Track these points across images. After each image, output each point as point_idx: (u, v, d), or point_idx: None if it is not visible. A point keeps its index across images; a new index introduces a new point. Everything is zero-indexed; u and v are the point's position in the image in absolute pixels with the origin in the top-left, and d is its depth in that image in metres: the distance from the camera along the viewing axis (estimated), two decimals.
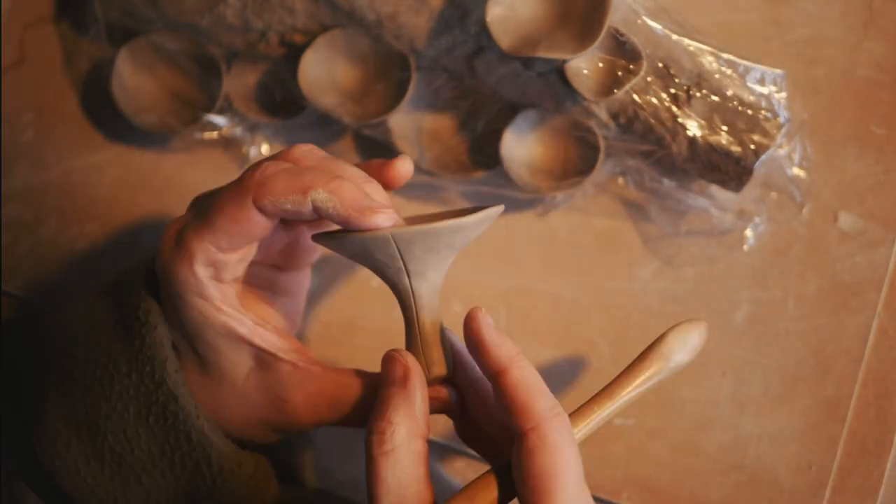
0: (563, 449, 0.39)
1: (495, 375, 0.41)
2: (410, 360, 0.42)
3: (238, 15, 0.54)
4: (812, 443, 0.52)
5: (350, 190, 0.41)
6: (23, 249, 0.58)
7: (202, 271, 0.42)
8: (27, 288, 0.57)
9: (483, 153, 0.54)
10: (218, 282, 0.43)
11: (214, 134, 0.56)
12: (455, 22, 0.51)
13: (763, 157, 0.51)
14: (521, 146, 0.53)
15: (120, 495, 0.44)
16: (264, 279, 0.48)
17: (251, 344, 0.44)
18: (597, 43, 0.49)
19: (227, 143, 0.57)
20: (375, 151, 0.56)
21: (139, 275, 0.46)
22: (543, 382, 0.41)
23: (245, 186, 0.42)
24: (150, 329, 0.44)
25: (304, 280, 0.50)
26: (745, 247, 0.54)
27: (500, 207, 0.44)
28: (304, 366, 0.44)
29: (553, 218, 0.55)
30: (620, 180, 0.54)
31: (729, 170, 0.51)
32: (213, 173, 0.57)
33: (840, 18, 0.55)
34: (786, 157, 0.53)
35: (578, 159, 0.53)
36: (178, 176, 0.57)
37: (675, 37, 0.52)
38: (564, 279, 0.55)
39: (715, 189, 0.53)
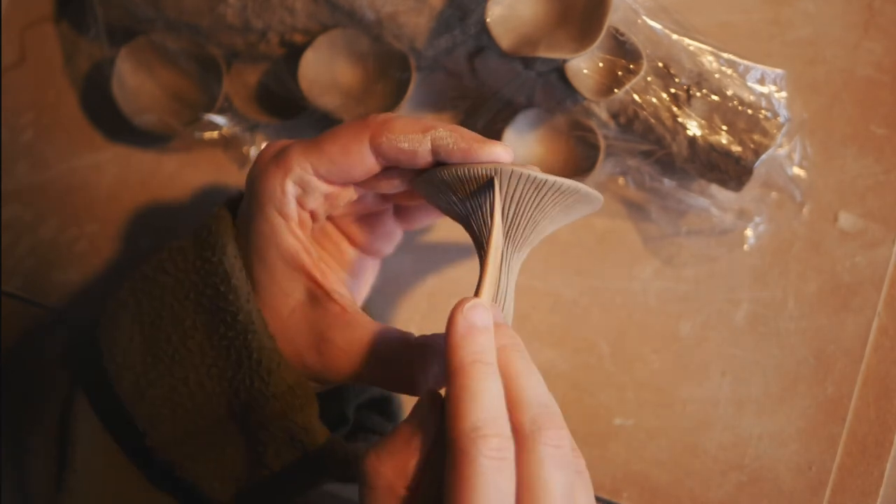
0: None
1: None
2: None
3: (238, 15, 0.54)
4: (812, 443, 0.52)
5: (468, 131, 0.42)
6: (23, 249, 0.58)
7: (291, 188, 0.42)
8: (27, 288, 0.57)
9: None
10: (300, 206, 0.43)
11: (214, 134, 0.56)
12: (455, 22, 0.51)
13: (763, 156, 0.51)
14: (521, 146, 0.53)
15: (167, 399, 0.44)
16: (340, 250, 0.48)
17: (310, 276, 0.43)
18: (597, 43, 0.49)
19: (227, 143, 0.57)
20: None
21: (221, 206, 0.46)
22: (493, 393, 0.36)
23: (366, 123, 0.42)
24: (218, 220, 0.44)
25: (373, 268, 0.50)
26: (746, 246, 0.54)
27: (600, 198, 0.43)
28: (353, 312, 0.43)
29: None
30: (620, 180, 0.54)
31: (729, 169, 0.51)
32: (213, 173, 0.57)
33: (840, 18, 0.55)
34: (786, 157, 0.53)
35: (578, 159, 0.53)
36: (178, 176, 0.57)
37: (675, 36, 0.52)
38: (564, 279, 0.55)
39: (715, 189, 0.53)
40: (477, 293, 0.40)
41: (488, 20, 0.49)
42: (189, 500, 0.46)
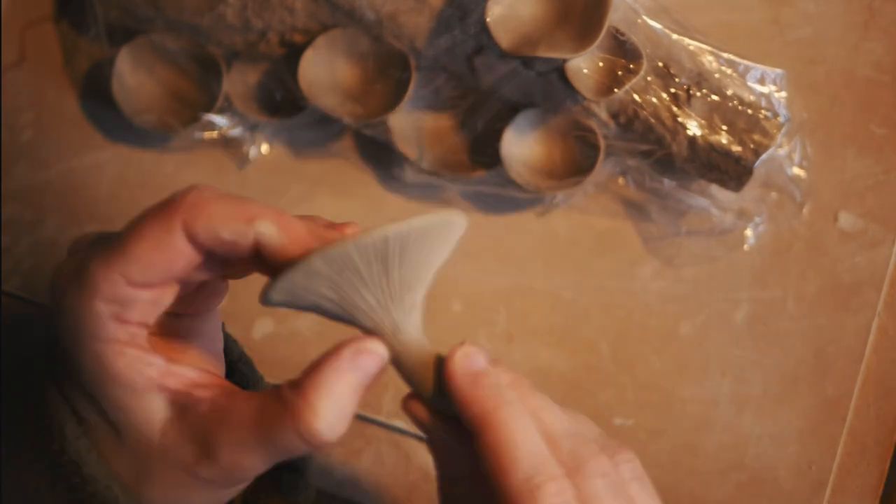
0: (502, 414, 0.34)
1: (472, 432, 0.35)
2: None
3: (238, 15, 0.54)
4: (812, 443, 0.52)
5: (299, 224, 0.35)
6: (23, 249, 0.57)
7: (103, 308, 0.35)
8: (27, 288, 0.57)
9: (483, 153, 0.54)
10: (120, 322, 0.35)
11: (214, 134, 0.56)
12: (455, 21, 0.51)
13: (763, 156, 0.51)
14: (521, 146, 0.53)
15: None
16: (169, 327, 0.39)
17: (163, 387, 0.36)
18: (597, 43, 0.49)
19: (227, 143, 0.57)
20: (375, 151, 0.56)
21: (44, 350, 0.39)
22: (531, 433, 0.35)
23: (174, 207, 0.35)
24: (41, 395, 0.37)
25: (215, 318, 0.41)
26: (745, 246, 0.54)
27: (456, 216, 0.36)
28: (226, 400, 0.36)
29: (553, 218, 0.55)
30: (620, 180, 0.54)
31: (729, 169, 0.51)
32: (213, 173, 0.57)
33: (840, 18, 0.55)
34: (786, 157, 0.53)
35: (578, 159, 0.53)
36: (178, 176, 0.57)
37: (675, 36, 0.52)
38: (564, 279, 0.55)
39: (715, 189, 0.53)
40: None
41: (488, 20, 0.49)
42: None
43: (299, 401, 0.34)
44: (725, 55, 0.52)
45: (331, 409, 0.34)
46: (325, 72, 0.54)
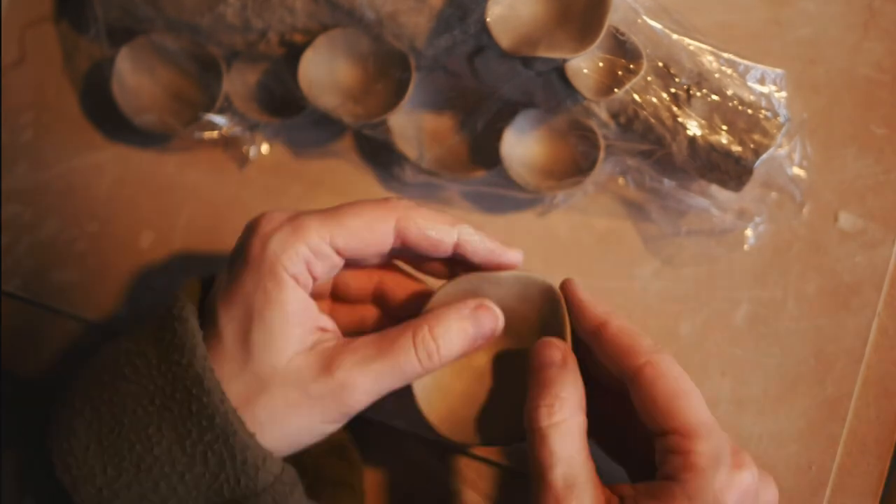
0: (682, 376, 0.42)
1: (596, 329, 0.43)
2: (566, 346, 0.44)
3: (238, 15, 0.54)
4: (812, 443, 0.52)
5: (484, 234, 0.45)
6: (23, 249, 0.57)
7: (304, 252, 0.42)
8: (27, 288, 0.57)
9: (483, 153, 0.54)
10: (307, 269, 0.43)
11: (214, 134, 0.56)
12: (455, 21, 0.51)
13: (763, 156, 0.51)
14: (521, 146, 0.53)
15: None
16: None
17: (310, 326, 0.43)
18: (597, 43, 0.49)
19: (227, 143, 0.57)
20: (375, 151, 0.56)
21: (184, 287, 0.45)
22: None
23: (391, 205, 0.43)
24: (183, 322, 0.42)
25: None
26: (745, 246, 0.54)
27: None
28: (350, 339, 0.43)
29: (553, 218, 0.55)
30: (620, 180, 0.54)
31: (729, 169, 0.51)
32: (213, 173, 0.57)
33: (840, 18, 0.55)
34: (786, 157, 0.53)
35: (578, 159, 0.53)
36: (178, 176, 0.57)
37: (675, 36, 0.52)
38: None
39: (715, 189, 0.53)
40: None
41: (488, 20, 0.49)
42: None
43: (422, 324, 0.43)
44: (725, 55, 0.52)
45: (445, 338, 0.43)
46: (325, 72, 0.54)
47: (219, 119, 0.56)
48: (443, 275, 0.47)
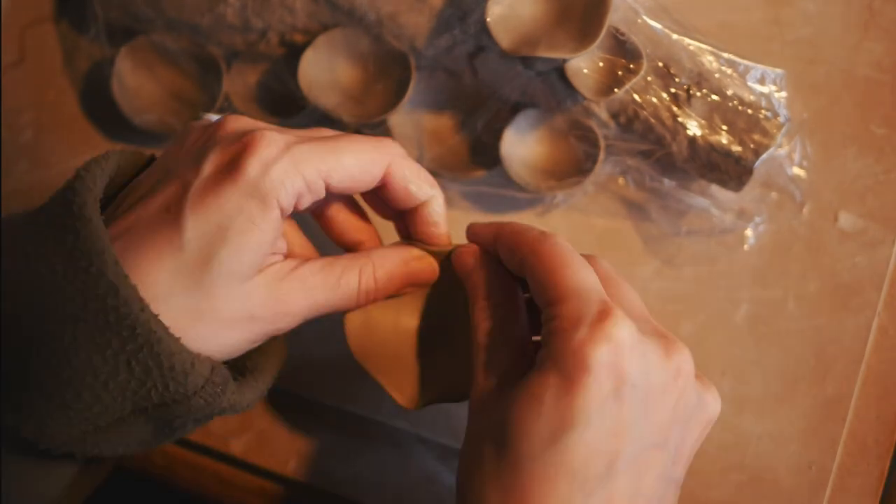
0: (565, 250, 0.42)
1: (494, 239, 0.44)
2: (475, 248, 0.45)
3: (238, 15, 0.54)
4: (812, 443, 0.52)
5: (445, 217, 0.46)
6: None
7: (300, 184, 0.41)
8: None
9: (483, 153, 0.54)
10: (297, 200, 0.42)
11: None
12: (455, 21, 0.51)
13: (763, 156, 0.51)
14: (521, 146, 0.53)
15: (64, 426, 0.40)
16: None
17: (281, 255, 0.44)
18: (597, 42, 0.49)
19: None
20: None
21: (87, 168, 0.43)
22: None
23: (385, 149, 0.44)
24: (85, 221, 0.39)
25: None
26: (746, 246, 0.54)
27: None
28: (300, 264, 0.44)
29: (553, 218, 0.55)
30: (620, 180, 0.54)
31: (729, 169, 0.51)
32: None
33: (840, 18, 0.55)
34: (786, 157, 0.53)
35: (578, 159, 0.53)
36: None
37: (675, 36, 0.52)
38: None
39: (715, 189, 0.53)
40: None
41: (488, 20, 0.49)
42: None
43: (368, 263, 0.44)
44: (725, 55, 0.52)
45: (386, 280, 0.45)
46: (325, 72, 0.54)
47: (219, 119, 0.56)
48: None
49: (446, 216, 0.46)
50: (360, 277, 0.44)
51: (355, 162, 0.43)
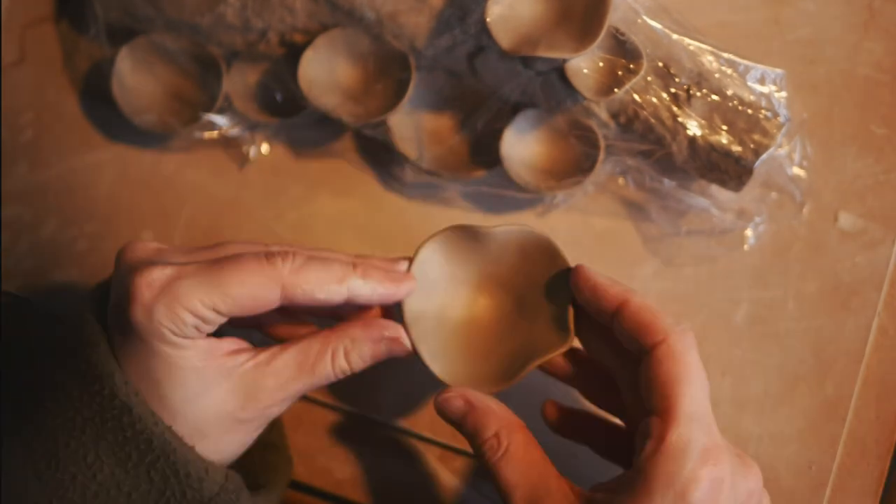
0: (689, 356, 0.42)
1: (617, 308, 0.43)
2: (460, 391, 0.45)
3: (238, 15, 0.54)
4: (812, 443, 0.52)
5: (376, 269, 0.44)
6: (23, 249, 0.57)
7: (191, 320, 0.41)
8: (27, 288, 0.57)
9: (483, 153, 0.54)
10: (197, 330, 0.42)
11: (214, 134, 0.56)
12: (455, 21, 0.51)
13: (763, 156, 0.51)
14: (521, 146, 0.53)
15: None
16: None
17: (219, 366, 0.43)
18: (597, 42, 0.49)
19: (227, 143, 0.57)
20: (375, 151, 0.56)
21: (84, 304, 0.44)
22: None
23: (273, 267, 0.42)
24: (94, 347, 0.42)
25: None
26: (746, 246, 0.54)
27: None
28: (266, 355, 0.44)
29: (553, 217, 0.55)
30: (620, 180, 0.54)
31: (729, 169, 0.51)
32: (213, 173, 0.57)
33: (840, 18, 0.55)
34: (786, 157, 0.53)
35: (578, 159, 0.53)
36: (178, 176, 0.57)
37: (675, 36, 0.52)
38: None
39: (715, 189, 0.53)
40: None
41: (488, 20, 0.49)
42: None
43: (339, 347, 0.44)
44: (725, 55, 0.52)
45: (359, 362, 0.44)
46: (325, 72, 0.54)
47: (219, 119, 0.56)
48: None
49: (378, 281, 0.44)
50: (334, 361, 0.44)
51: (243, 290, 0.41)
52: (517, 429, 0.44)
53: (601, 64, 0.51)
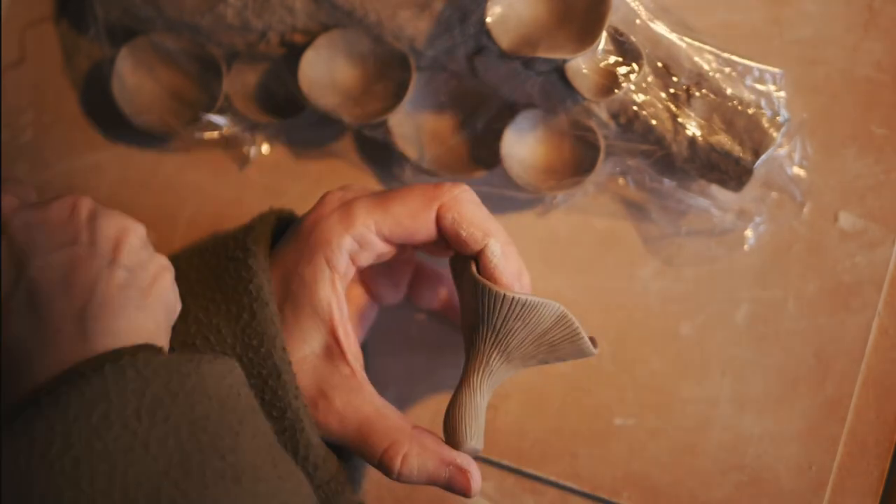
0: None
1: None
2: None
3: (238, 15, 0.54)
4: (812, 443, 0.52)
5: (513, 256, 0.45)
6: None
7: (349, 243, 0.43)
8: None
9: (483, 153, 0.54)
10: (352, 261, 0.44)
11: (214, 134, 0.56)
12: (455, 22, 0.51)
13: (763, 156, 0.51)
14: (522, 146, 0.53)
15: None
16: (353, 293, 0.50)
17: (334, 332, 0.44)
18: (597, 43, 0.49)
19: (227, 143, 0.57)
20: (375, 151, 0.56)
21: (257, 239, 0.46)
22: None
23: (437, 194, 0.44)
24: (262, 305, 0.43)
25: (374, 313, 0.52)
26: (746, 247, 0.54)
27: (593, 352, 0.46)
28: (361, 378, 0.44)
29: (553, 218, 0.55)
30: (620, 180, 0.54)
31: (729, 169, 0.51)
32: (213, 173, 0.57)
33: (840, 18, 0.55)
34: (786, 157, 0.53)
35: (578, 159, 0.53)
36: (178, 176, 0.57)
37: (674, 36, 0.52)
38: (565, 279, 0.55)
39: (715, 189, 0.53)
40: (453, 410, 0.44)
41: (488, 20, 0.49)
42: None
43: (399, 452, 0.43)
44: (725, 55, 0.52)
45: (411, 476, 0.43)
46: (325, 72, 0.54)
47: (219, 119, 0.56)
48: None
49: (508, 262, 0.44)
50: (402, 465, 0.43)
51: (403, 209, 0.44)
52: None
53: (601, 64, 0.51)
